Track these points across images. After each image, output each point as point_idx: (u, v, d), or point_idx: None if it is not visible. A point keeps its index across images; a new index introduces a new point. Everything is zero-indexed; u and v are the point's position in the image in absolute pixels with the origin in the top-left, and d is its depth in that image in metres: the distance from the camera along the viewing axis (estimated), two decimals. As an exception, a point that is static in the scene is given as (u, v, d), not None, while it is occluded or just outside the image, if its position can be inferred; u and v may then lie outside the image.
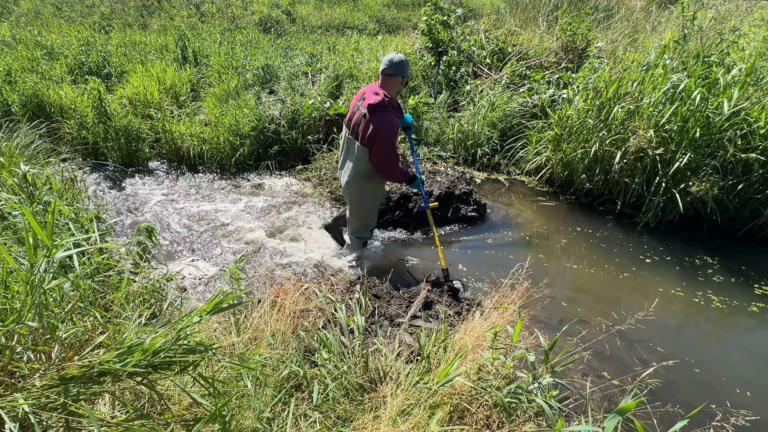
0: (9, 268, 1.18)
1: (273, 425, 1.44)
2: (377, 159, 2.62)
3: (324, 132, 5.10)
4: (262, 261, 3.24)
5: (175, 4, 10.92)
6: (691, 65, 4.00)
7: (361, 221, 3.07)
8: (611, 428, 1.19)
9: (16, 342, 1.08)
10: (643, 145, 3.70)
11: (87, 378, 1.02)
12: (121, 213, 3.85)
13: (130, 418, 1.15)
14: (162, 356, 1.08)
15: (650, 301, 2.94)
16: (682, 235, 3.78)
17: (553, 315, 2.73)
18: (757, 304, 2.96)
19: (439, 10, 6.06)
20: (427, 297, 2.51)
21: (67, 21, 9.42)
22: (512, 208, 4.17)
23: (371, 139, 2.56)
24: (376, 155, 2.60)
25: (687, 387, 2.26)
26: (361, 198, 2.89)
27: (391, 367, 1.71)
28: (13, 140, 3.61)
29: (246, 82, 5.93)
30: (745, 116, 3.57)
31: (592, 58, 4.80)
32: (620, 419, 1.19)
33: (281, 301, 1.99)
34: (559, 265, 3.30)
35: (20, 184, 2.38)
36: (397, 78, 2.59)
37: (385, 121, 2.51)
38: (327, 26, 10.70)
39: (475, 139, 4.90)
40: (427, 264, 3.29)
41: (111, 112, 4.67)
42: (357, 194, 2.88)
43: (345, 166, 2.86)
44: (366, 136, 2.56)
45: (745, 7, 5.69)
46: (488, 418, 1.50)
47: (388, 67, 2.56)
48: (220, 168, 4.90)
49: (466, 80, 5.69)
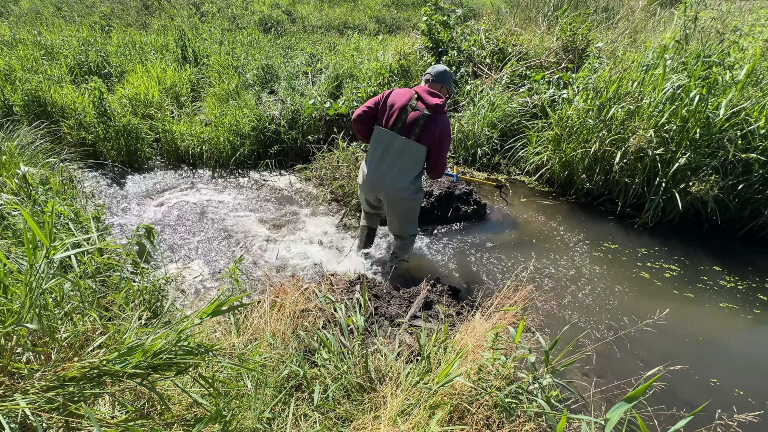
0: (7, 270, 1.18)
1: (273, 425, 1.44)
2: (438, 160, 2.70)
3: (324, 132, 5.10)
4: (262, 261, 3.24)
5: (175, 4, 10.91)
6: (692, 65, 4.00)
7: (413, 218, 3.04)
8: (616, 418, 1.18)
9: (16, 343, 1.07)
10: (643, 145, 3.70)
11: (87, 379, 1.02)
12: (121, 213, 3.85)
13: (130, 419, 1.15)
14: (162, 357, 1.08)
15: (649, 302, 2.94)
16: (682, 235, 3.78)
17: (553, 315, 2.73)
18: (757, 305, 2.96)
19: (439, 10, 6.06)
20: (427, 297, 2.51)
21: (67, 21, 9.42)
22: (512, 208, 4.16)
23: (436, 140, 2.60)
24: (438, 156, 2.68)
25: (687, 388, 2.26)
26: (415, 197, 2.87)
27: (391, 367, 1.71)
28: (14, 140, 3.61)
29: (246, 82, 5.93)
30: (745, 116, 3.57)
31: (592, 58, 4.80)
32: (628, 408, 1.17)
33: (281, 301, 1.99)
34: (559, 265, 3.30)
35: (20, 185, 2.38)
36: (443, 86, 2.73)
37: (447, 123, 2.63)
38: (327, 26, 10.70)
39: (475, 139, 4.90)
40: (428, 264, 3.29)
41: (111, 112, 4.67)
42: (411, 194, 2.83)
43: (386, 167, 2.73)
44: (429, 136, 2.59)
45: (747, 7, 5.68)
46: (488, 418, 1.50)
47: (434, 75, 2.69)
48: (220, 168, 4.90)
49: (466, 80, 5.68)
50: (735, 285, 3.16)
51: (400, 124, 2.60)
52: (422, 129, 2.58)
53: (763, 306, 2.95)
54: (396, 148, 2.65)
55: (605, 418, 1.22)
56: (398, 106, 2.61)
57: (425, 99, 2.58)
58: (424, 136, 2.59)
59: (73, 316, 1.31)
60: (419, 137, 2.60)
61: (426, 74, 2.71)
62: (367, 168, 2.80)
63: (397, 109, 2.61)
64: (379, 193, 2.84)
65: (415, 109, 2.58)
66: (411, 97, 2.61)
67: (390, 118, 2.62)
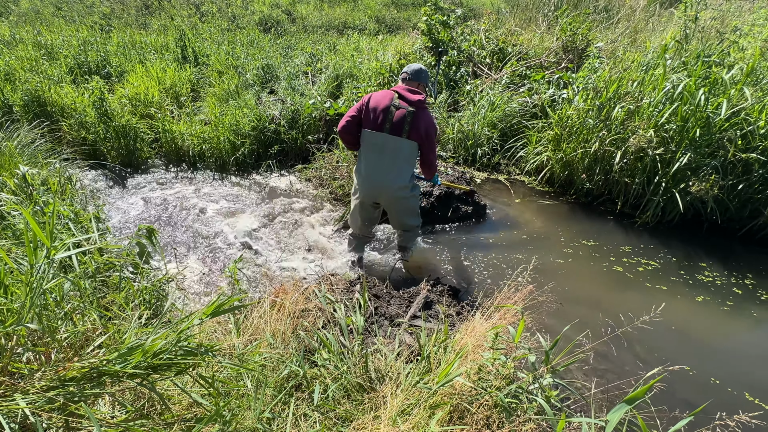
0: (8, 269, 1.18)
1: (273, 425, 1.44)
2: (430, 154, 2.79)
3: (324, 132, 5.09)
4: (262, 260, 3.24)
5: (175, 4, 10.91)
6: (692, 65, 3.99)
7: (415, 212, 3.09)
8: (617, 419, 1.18)
9: (16, 343, 1.07)
10: (643, 145, 3.70)
11: (87, 379, 1.02)
12: (121, 213, 3.85)
13: (130, 419, 1.15)
14: (162, 357, 1.08)
15: (650, 302, 2.94)
16: (682, 235, 3.78)
17: (553, 316, 2.72)
18: (757, 305, 2.96)
19: (439, 10, 6.05)
20: (427, 297, 2.51)
21: (66, 21, 9.42)
22: (512, 208, 4.16)
23: (423, 135, 2.67)
24: (429, 150, 2.76)
25: (688, 388, 2.26)
26: (413, 194, 2.93)
27: (391, 367, 1.71)
28: (14, 140, 3.61)
29: (246, 82, 5.93)
30: (745, 116, 3.57)
31: (592, 58, 4.80)
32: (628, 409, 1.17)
33: (281, 300, 1.99)
34: (559, 265, 3.30)
35: (20, 185, 2.38)
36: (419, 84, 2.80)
37: (431, 117, 2.70)
38: (327, 26, 10.70)
39: (475, 139, 4.90)
40: (428, 264, 3.29)
41: (111, 112, 4.67)
42: (409, 192, 2.88)
43: (385, 169, 2.75)
44: (417, 131, 2.65)
45: (747, 7, 5.68)
46: (488, 418, 1.50)
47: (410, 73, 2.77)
48: (220, 167, 4.90)
49: (466, 80, 5.68)
50: (735, 285, 3.16)
51: (388, 124, 2.64)
52: (410, 126, 2.64)
53: (763, 306, 2.95)
54: (390, 148, 2.68)
55: (605, 419, 1.22)
56: (382, 108, 2.65)
57: (407, 97, 2.64)
58: (413, 132, 2.65)
59: (73, 316, 1.31)
60: (409, 134, 2.65)
61: (403, 73, 2.79)
62: (364, 173, 2.82)
63: (381, 110, 2.65)
64: (379, 196, 2.86)
65: (399, 108, 2.63)
66: (393, 97, 2.66)
67: (377, 121, 2.66)
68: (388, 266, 3.23)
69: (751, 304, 2.97)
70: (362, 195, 2.90)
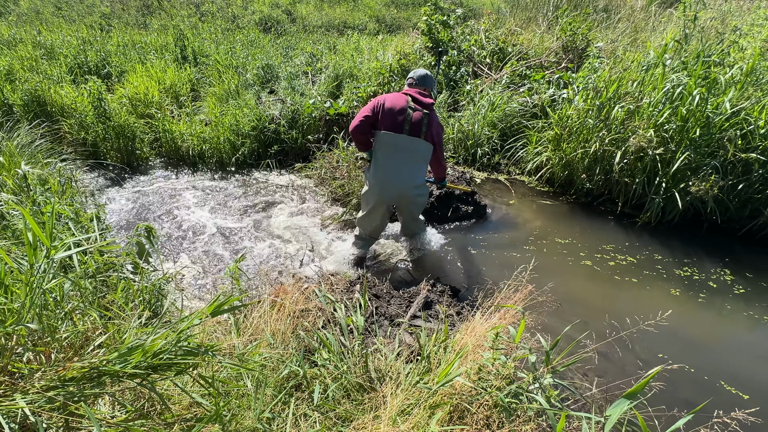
0: (8, 269, 1.18)
1: (273, 425, 1.44)
2: (442, 155, 2.91)
3: (324, 132, 5.09)
4: (261, 260, 3.24)
5: (175, 4, 10.91)
6: (691, 65, 3.99)
7: (422, 210, 3.22)
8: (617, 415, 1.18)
9: (16, 343, 1.07)
10: (643, 144, 3.70)
11: (87, 379, 1.02)
12: (121, 213, 3.85)
13: (130, 419, 1.15)
14: (162, 357, 1.08)
15: (649, 301, 2.94)
16: (682, 235, 3.78)
17: (553, 316, 2.72)
18: (756, 305, 2.96)
19: (439, 10, 6.05)
20: (427, 297, 2.51)
21: (66, 21, 9.42)
22: (512, 208, 4.16)
23: (436, 136, 2.78)
24: (441, 152, 2.89)
25: (687, 388, 2.26)
26: (426, 192, 3.04)
27: (391, 367, 1.71)
28: (14, 140, 3.61)
29: (246, 82, 5.93)
30: (745, 116, 3.57)
31: (592, 58, 4.80)
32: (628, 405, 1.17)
33: (281, 300, 1.99)
34: (559, 266, 3.30)
35: (20, 185, 2.38)
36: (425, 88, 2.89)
37: (439, 121, 2.83)
38: (327, 26, 10.71)
39: (475, 139, 4.90)
40: (428, 264, 3.29)
41: (110, 112, 4.67)
42: (424, 190, 3.00)
43: (406, 170, 2.81)
44: (431, 132, 2.75)
45: (747, 7, 5.68)
46: (488, 418, 1.50)
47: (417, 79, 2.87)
48: (220, 167, 4.90)
49: (466, 80, 5.68)
50: (735, 285, 3.16)
51: (407, 126, 2.70)
52: (427, 128, 2.72)
53: (763, 306, 2.95)
54: (410, 149, 2.75)
55: (606, 415, 1.22)
56: (399, 109, 2.70)
57: (420, 100, 2.73)
58: (429, 134, 2.74)
59: (73, 316, 1.31)
60: (426, 136, 2.73)
61: (409, 78, 2.88)
62: (383, 176, 2.82)
63: (400, 112, 2.70)
64: (400, 197, 2.92)
65: (415, 110, 2.70)
66: (407, 100, 2.74)
67: (395, 122, 2.70)
68: (388, 266, 3.23)
69: (751, 304, 2.98)
70: (383, 197, 2.90)
